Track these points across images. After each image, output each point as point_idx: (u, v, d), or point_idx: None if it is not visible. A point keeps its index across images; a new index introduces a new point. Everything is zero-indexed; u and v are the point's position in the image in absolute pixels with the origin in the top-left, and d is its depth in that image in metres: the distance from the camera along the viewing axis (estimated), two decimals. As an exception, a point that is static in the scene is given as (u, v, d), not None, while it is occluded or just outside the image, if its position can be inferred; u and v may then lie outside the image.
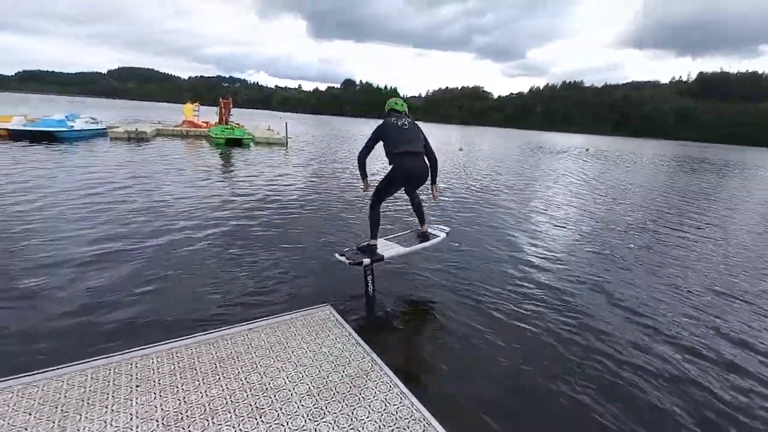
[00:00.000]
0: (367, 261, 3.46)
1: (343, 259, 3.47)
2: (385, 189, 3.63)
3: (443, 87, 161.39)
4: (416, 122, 3.66)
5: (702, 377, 2.81)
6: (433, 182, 3.79)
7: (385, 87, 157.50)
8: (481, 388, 2.52)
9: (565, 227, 6.90)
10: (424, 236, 4.17)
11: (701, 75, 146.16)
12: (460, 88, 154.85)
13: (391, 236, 4.17)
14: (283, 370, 2.36)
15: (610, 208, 8.91)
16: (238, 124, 20.61)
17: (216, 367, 2.34)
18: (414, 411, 2.10)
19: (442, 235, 4.28)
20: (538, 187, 11.63)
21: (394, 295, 3.73)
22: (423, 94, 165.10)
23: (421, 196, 4.04)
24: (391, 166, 3.50)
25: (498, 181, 12.02)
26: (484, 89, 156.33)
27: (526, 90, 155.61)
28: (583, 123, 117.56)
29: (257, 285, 3.71)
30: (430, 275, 4.28)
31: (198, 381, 2.21)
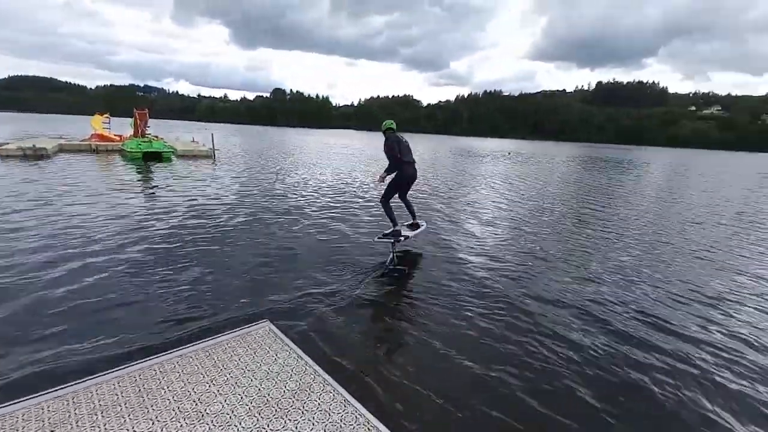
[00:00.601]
0: (403, 238, 5.03)
1: (384, 240, 4.94)
2: (392, 191, 5.26)
3: (375, 96, 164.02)
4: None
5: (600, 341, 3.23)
6: None
7: (317, 96, 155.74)
8: (422, 385, 2.64)
9: (492, 225, 7.43)
10: (415, 226, 5.63)
11: (599, 84, 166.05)
12: (391, 96, 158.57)
13: (389, 230, 5.24)
14: (221, 393, 2.27)
15: (530, 206, 9.76)
16: (156, 136, 19.13)
17: (144, 399, 2.19)
18: (358, 416, 2.15)
19: (425, 225, 5.84)
20: (467, 188, 12.34)
21: (336, 304, 3.75)
22: (355, 103, 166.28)
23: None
24: (396, 172, 5.12)
25: (431, 185, 12.54)
26: (414, 97, 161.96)
27: (452, 98, 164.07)
28: (505, 128, 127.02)
29: (188, 308, 3.51)
30: (369, 280, 4.37)
31: (123, 417, 2.05)
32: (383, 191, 5.36)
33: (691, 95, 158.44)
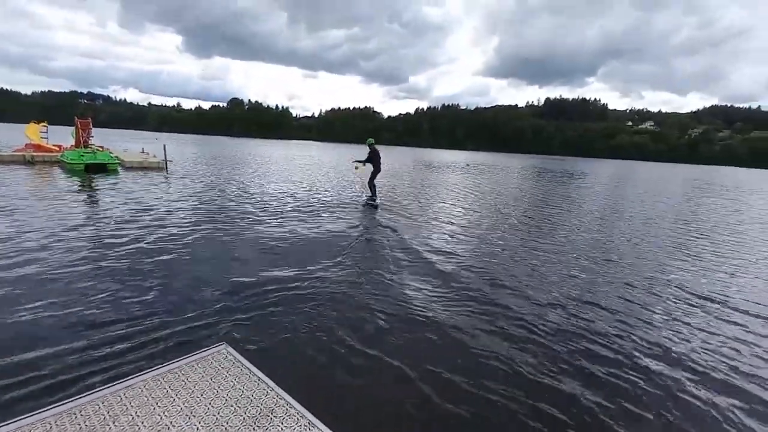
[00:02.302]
0: (378, 202, 10.57)
1: (367, 203, 10.54)
2: (373, 178, 11.07)
3: (336, 107, 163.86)
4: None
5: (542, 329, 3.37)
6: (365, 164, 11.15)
7: (276, 107, 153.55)
8: (387, 403, 2.61)
9: (455, 234, 7.59)
10: (373, 201, 10.46)
11: (548, 100, 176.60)
12: (352, 108, 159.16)
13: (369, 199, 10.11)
14: (174, 425, 2.11)
15: (491, 213, 10.10)
16: (101, 146, 17.93)
17: (85, 439, 1.99)
18: (323, 439, 2.08)
19: (378, 201, 10.51)
20: (431, 198, 12.55)
21: (298, 323, 3.64)
22: (316, 114, 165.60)
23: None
24: (373, 168, 11.01)
25: (395, 195, 12.64)
26: (375, 110, 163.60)
27: (412, 111, 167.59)
28: (463, 140, 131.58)
29: (135, 333, 3.26)
30: (331, 297, 4.30)
31: (60, 461, 1.84)
32: (368, 179, 11.10)
33: (628, 111, 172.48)
